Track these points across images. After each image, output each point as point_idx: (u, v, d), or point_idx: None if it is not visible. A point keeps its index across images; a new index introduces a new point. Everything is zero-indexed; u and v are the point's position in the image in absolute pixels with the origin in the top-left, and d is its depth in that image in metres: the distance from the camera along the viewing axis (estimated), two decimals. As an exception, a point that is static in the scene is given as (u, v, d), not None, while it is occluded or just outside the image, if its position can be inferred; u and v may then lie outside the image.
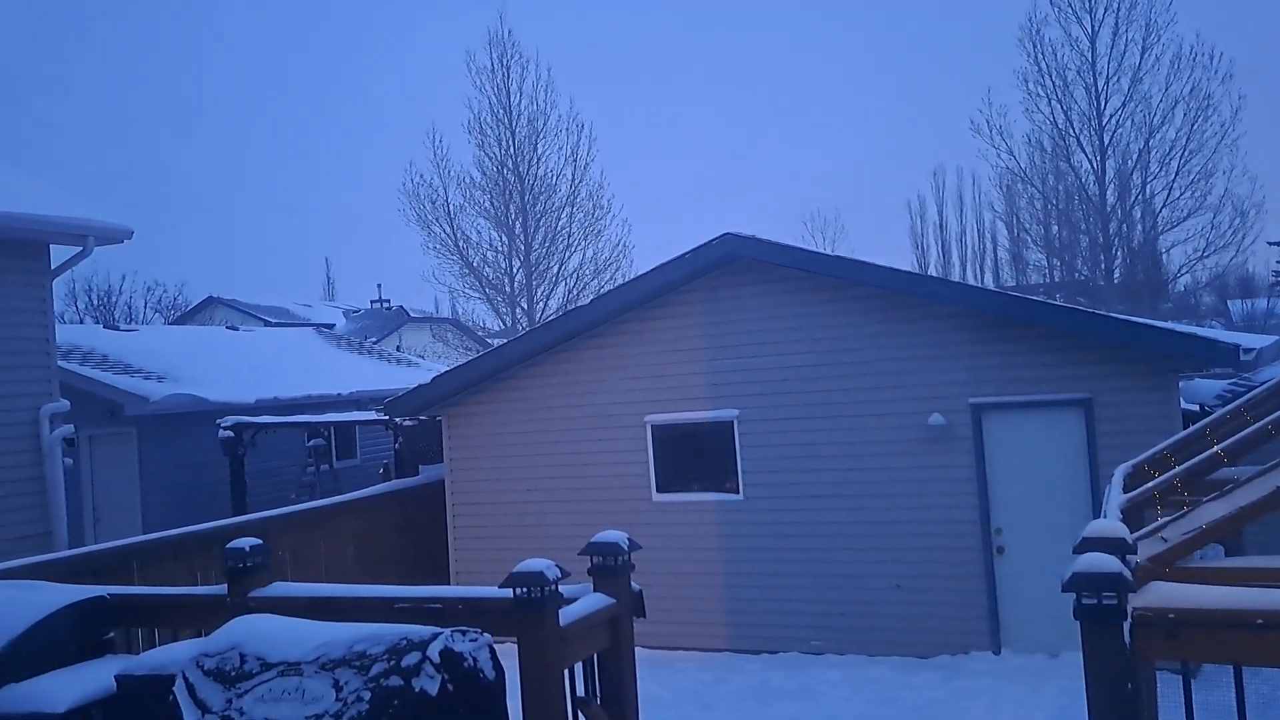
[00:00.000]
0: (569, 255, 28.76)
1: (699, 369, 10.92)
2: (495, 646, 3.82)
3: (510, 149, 28.63)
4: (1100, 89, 26.98)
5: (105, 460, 15.69)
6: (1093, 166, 27.40)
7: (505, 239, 28.72)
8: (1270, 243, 29.17)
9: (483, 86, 28.74)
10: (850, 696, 8.91)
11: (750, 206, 72.08)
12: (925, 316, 10.05)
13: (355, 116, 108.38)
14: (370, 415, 15.01)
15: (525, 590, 4.00)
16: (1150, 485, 4.77)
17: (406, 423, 13.60)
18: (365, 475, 16.83)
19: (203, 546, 9.29)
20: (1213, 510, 3.91)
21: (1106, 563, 2.83)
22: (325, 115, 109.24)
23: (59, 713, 4.23)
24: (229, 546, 4.91)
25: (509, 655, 3.85)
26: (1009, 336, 9.78)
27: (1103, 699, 2.82)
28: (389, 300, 45.97)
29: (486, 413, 11.92)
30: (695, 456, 11.04)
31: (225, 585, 4.91)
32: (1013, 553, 9.70)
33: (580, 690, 4.51)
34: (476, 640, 3.75)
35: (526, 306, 28.50)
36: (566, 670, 4.24)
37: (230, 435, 14.81)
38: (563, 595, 4.19)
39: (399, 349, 33.14)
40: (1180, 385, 9.70)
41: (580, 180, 28.69)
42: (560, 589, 4.12)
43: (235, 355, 19.15)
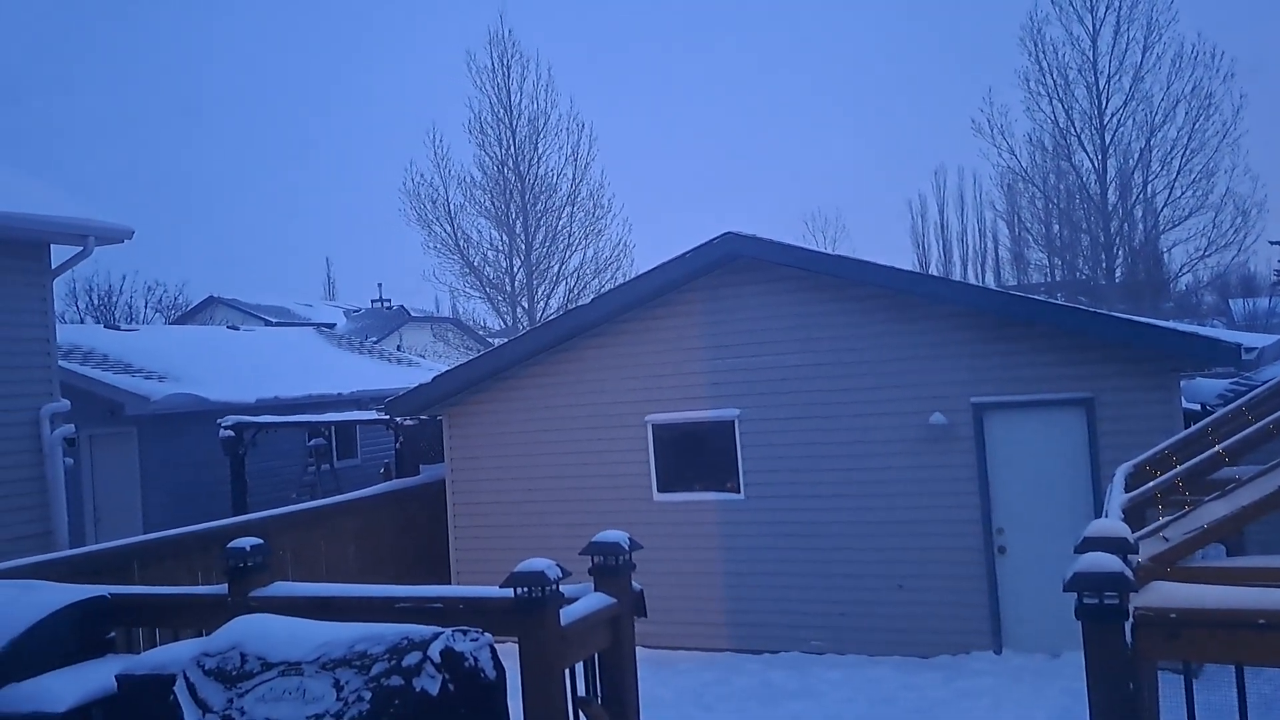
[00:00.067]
0: (570, 255, 28.82)
1: (700, 368, 10.92)
2: (496, 646, 3.82)
3: (511, 148, 28.66)
4: (1101, 88, 27.02)
5: (106, 460, 15.70)
6: (1094, 165, 27.43)
7: (506, 238, 28.74)
8: (1272, 242, 29.12)
9: (483, 86, 28.81)
10: (852, 697, 8.91)
11: (751, 206, 72.12)
12: (926, 316, 10.05)
13: (355, 116, 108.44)
14: (371, 415, 15.02)
15: (526, 590, 4.00)
16: (1152, 485, 4.78)
17: (407, 422, 13.60)
18: (366, 475, 16.83)
19: (203, 546, 9.29)
20: (1214, 510, 3.91)
21: (1108, 562, 2.83)
22: (325, 115, 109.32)
23: (60, 712, 4.23)
24: (230, 546, 4.91)
25: (510, 655, 3.84)
26: (1010, 336, 9.78)
27: (1104, 699, 2.82)
28: (389, 300, 45.98)
29: (487, 412, 11.92)
30: (696, 456, 11.04)
31: (226, 585, 4.91)
32: (1014, 552, 9.69)
33: (581, 690, 4.51)
34: (478, 640, 3.75)
35: (527, 306, 28.52)
36: (567, 670, 4.24)
37: (231, 435, 14.82)
38: (564, 595, 4.19)
39: (400, 348, 33.15)
40: (1182, 384, 9.70)
41: (581, 180, 28.74)
42: (561, 589, 4.12)
43: (236, 355, 19.16)
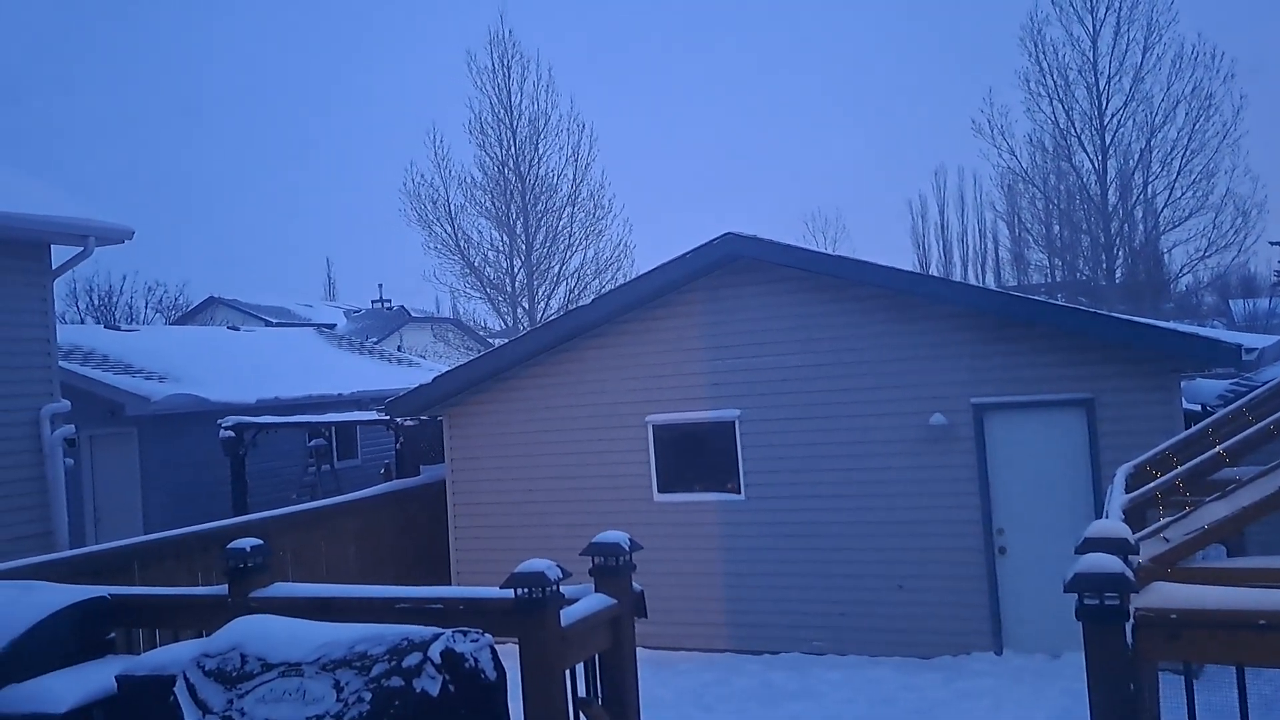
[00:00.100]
0: (570, 255, 28.82)
1: (700, 369, 10.91)
2: (496, 647, 3.82)
3: (511, 149, 28.67)
4: (1102, 89, 27.01)
5: (106, 460, 15.70)
6: (1094, 166, 27.42)
7: (506, 239, 28.74)
8: (1272, 242, 29.15)
9: (483, 86, 28.81)
10: (852, 697, 8.90)
11: (751, 206, 72.14)
12: (927, 316, 10.05)
13: (356, 116, 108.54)
14: (371, 415, 15.02)
15: (526, 591, 4.00)
16: (1152, 485, 4.77)
17: (407, 423, 13.60)
18: (366, 475, 16.84)
19: (204, 547, 9.30)
20: (1215, 510, 3.91)
21: (1108, 563, 2.82)
22: (326, 115, 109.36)
23: (60, 713, 4.23)
24: (230, 547, 4.91)
25: (510, 656, 3.84)
26: (1010, 336, 9.77)
27: (1105, 700, 2.82)
28: (390, 300, 46.01)
29: (488, 413, 11.91)
30: (696, 456, 11.03)
31: (226, 585, 4.91)
32: (1014, 553, 9.69)
33: (582, 691, 4.51)
34: (478, 641, 3.75)
35: (528, 306, 28.52)
36: (568, 671, 4.24)
37: (231, 435, 14.82)
38: (564, 596, 4.19)
39: (400, 349, 33.15)
40: (1182, 385, 9.69)
41: (581, 180, 28.74)
42: (561, 589, 4.12)
43: (236, 355, 19.16)
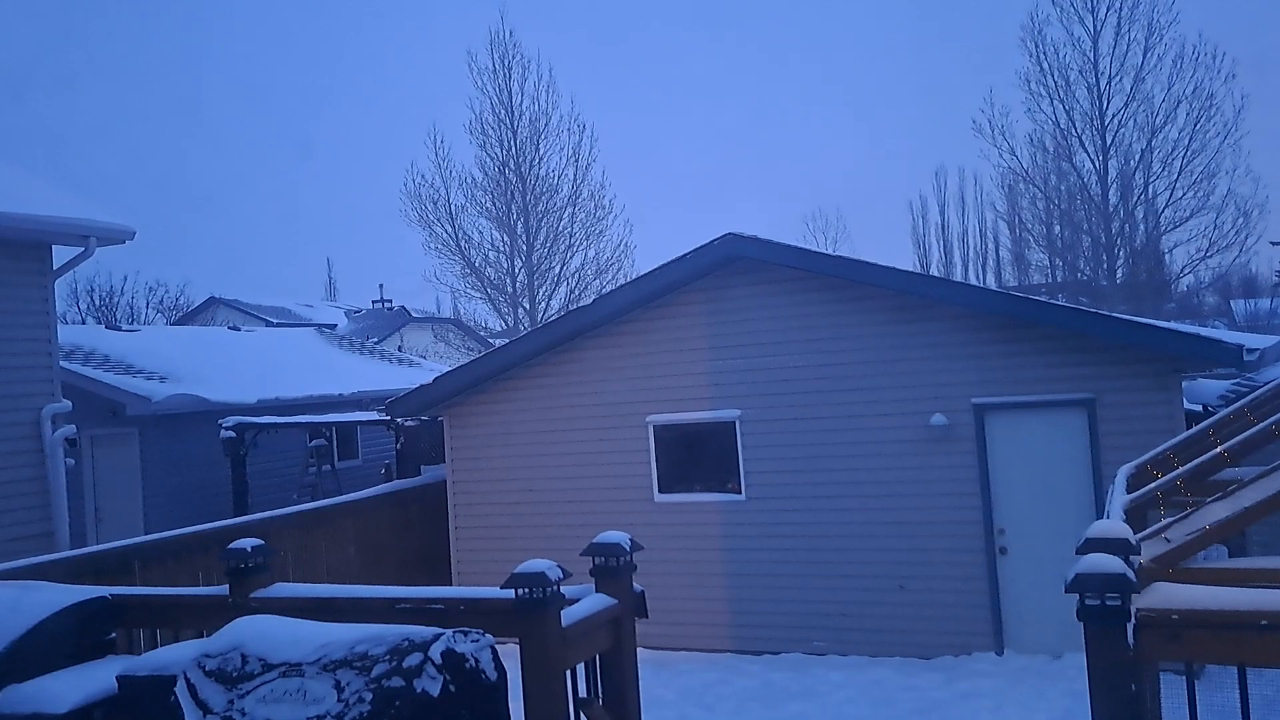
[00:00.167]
0: (571, 255, 28.83)
1: (701, 369, 10.91)
2: (497, 647, 3.82)
3: (512, 149, 28.67)
4: (1102, 89, 26.98)
5: (107, 460, 15.70)
6: (1095, 166, 27.39)
7: (507, 239, 28.74)
8: (1274, 243, 29.14)
9: (484, 87, 28.81)
10: (853, 697, 8.90)
11: (751, 207, 72.14)
12: (927, 316, 10.04)
13: (357, 116, 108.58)
14: (372, 415, 15.03)
15: (527, 591, 4.00)
16: (1153, 486, 4.77)
17: (408, 423, 13.61)
18: (367, 476, 16.84)
19: (204, 547, 9.30)
20: (1216, 511, 3.90)
21: (1110, 564, 2.82)
22: (327, 115, 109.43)
23: (61, 713, 4.23)
24: (230, 547, 4.91)
25: (511, 656, 3.84)
26: (1011, 337, 9.77)
27: (1106, 700, 2.82)
28: (390, 300, 45.99)
29: (488, 413, 11.91)
30: (697, 457, 11.03)
31: (227, 586, 4.91)
32: (1015, 553, 9.69)
33: (582, 691, 4.51)
34: (478, 641, 3.75)
35: (528, 307, 28.52)
36: (568, 671, 4.24)
37: (232, 435, 14.82)
38: (564, 596, 4.18)
39: (401, 349, 33.15)
40: (1183, 385, 9.68)
41: (582, 181, 28.75)
42: (562, 589, 4.12)
43: (237, 355, 19.16)
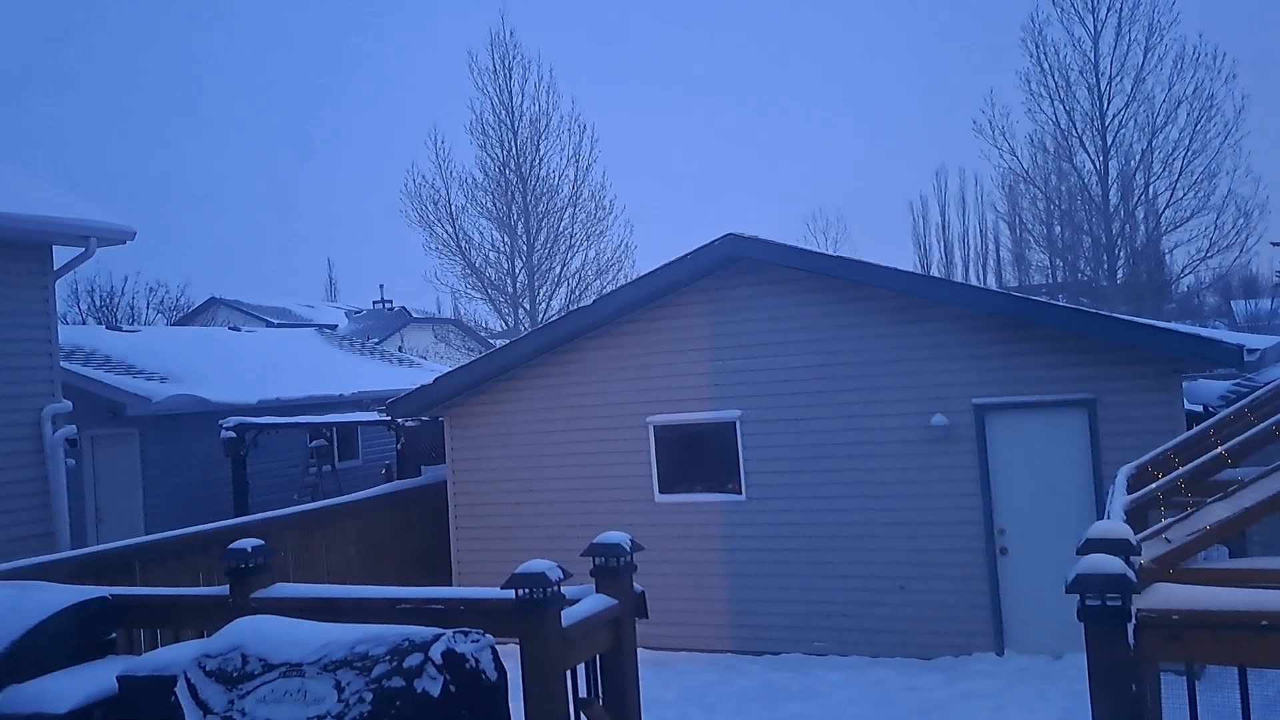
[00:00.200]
0: (571, 256, 28.86)
1: (701, 369, 10.91)
2: (498, 647, 3.82)
3: (512, 150, 28.68)
4: (1103, 89, 26.98)
5: (107, 461, 15.70)
6: (1095, 167, 27.39)
7: (507, 239, 28.76)
8: (1274, 243, 29.09)
9: (484, 87, 28.84)
10: (853, 698, 8.90)
11: (752, 207, 72.15)
12: (928, 317, 10.04)
13: (357, 117, 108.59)
14: (372, 416, 15.03)
15: (527, 591, 4.00)
16: (1154, 486, 4.77)
17: (409, 423, 13.61)
18: (367, 476, 16.84)
19: (205, 547, 9.30)
20: (1217, 511, 3.90)
21: (1110, 564, 2.82)
22: (327, 116, 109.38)
23: (62, 713, 4.23)
24: (231, 547, 4.91)
25: (511, 656, 3.84)
26: (1012, 337, 9.77)
27: (1107, 701, 2.82)
28: (391, 301, 45.96)
29: (489, 413, 11.91)
30: (698, 457, 11.03)
31: (227, 586, 4.91)
32: (1016, 554, 9.68)
33: (583, 691, 4.52)
34: (479, 641, 3.75)
35: (529, 307, 28.52)
36: (569, 671, 4.25)
37: (232, 436, 14.81)
38: (565, 596, 4.19)
39: (401, 350, 33.15)
40: (1184, 386, 9.68)
41: (582, 181, 28.78)
42: (562, 590, 4.12)
43: (237, 356, 19.16)
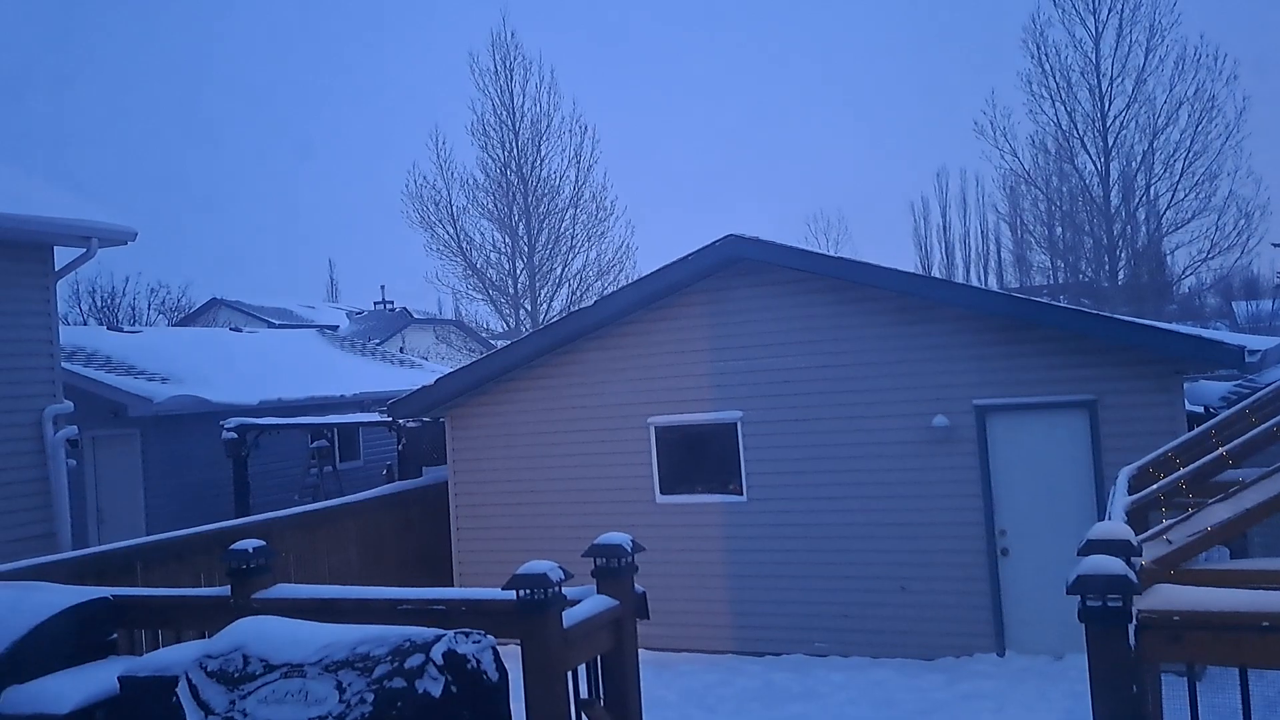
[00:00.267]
0: (572, 257, 28.86)
1: (702, 370, 10.91)
2: (499, 648, 3.82)
3: (513, 151, 28.69)
4: (1104, 90, 26.97)
5: (109, 461, 15.71)
6: (1097, 168, 27.38)
7: (508, 240, 28.76)
8: (1275, 244, 29.06)
9: (486, 88, 28.85)
10: (854, 698, 8.90)
11: (752, 207, 72.24)
12: (929, 318, 10.04)
13: (359, 118, 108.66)
14: (373, 417, 15.03)
15: (529, 592, 4.01)
16: (1155, 487, 4.76)
17: (410, 424, 13.61)
18: (368, 477, 16.85)
19: (206, 548, 9.30)
20: (1218, 512, 3.90)
21: (1111, 565, 2.82)
22: (328, 117, 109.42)
23: (63, 714, 4.23)
24: (232, 548, 4.92)
25: (512, 657, 3.85)
26: (1013, 338, 9.76)
27: (1108, 701, 2.82)
28: (392, 302, 45.98)
29: (490, 414, 11.92)
30: (699, 458, 11.03)
31: (228, 587, 4.92)
32: (1017, 554, 9.68)
33: (584, 692, 4.52)
34: (480, 642, 3.75)
35: (530, 308, 28.53)
36: (570, 672, 4.25)
37: (233, 437, 14.82)
38: (566, 597, 4.19)
39: (402, 350, 33.16)
40: (1185, 387, 9.68)
41: (583, 182, 28.78)
42: (564, 591, 4.13)
43: (238, 357, 19.16)
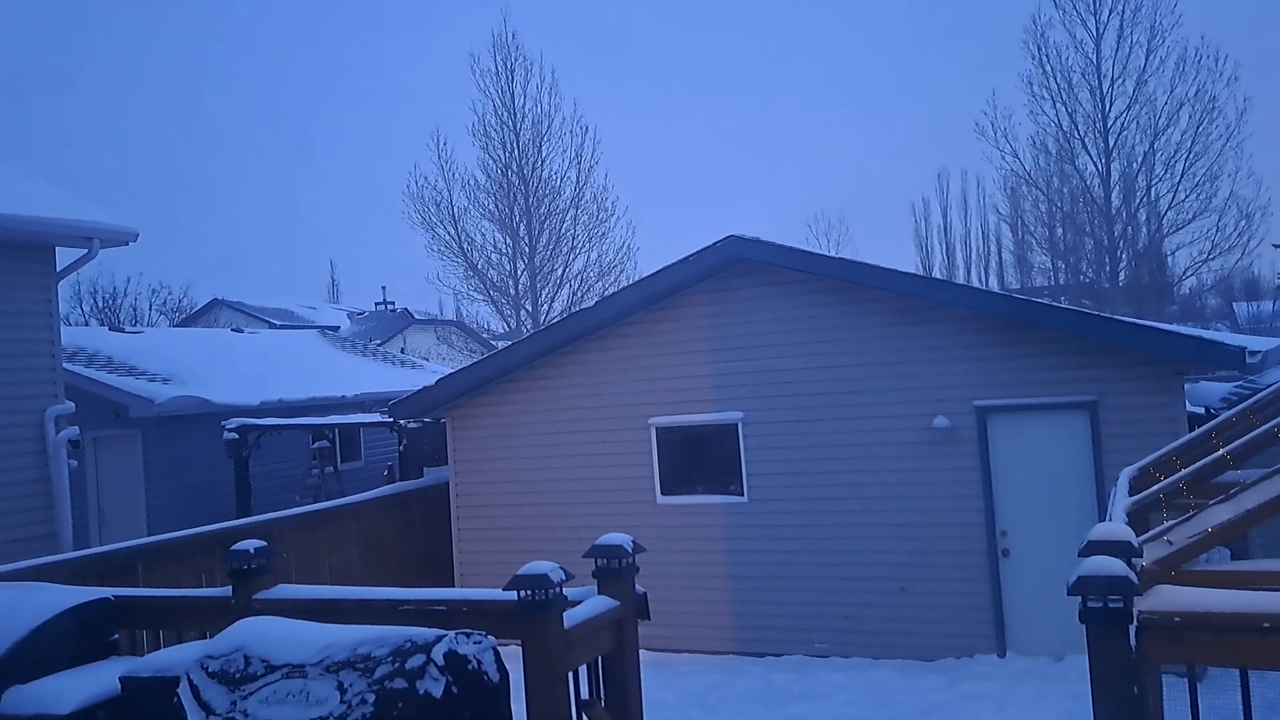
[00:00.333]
0: (573, 258, 28.86)
1: (703, 371, 10.91)
2: (500, 649, 3.82)
3: (514, 152, 28.69)
4: (1105, 91, 26.96)
5: (110, 462, 15.71)
6: (1098, 169, 27.37)
7: (509, 241, 28.76)
8: (1276, 245, 29.07)
9: (487, 89, 28.86)
10: (855, 699, 8.90)
11: (753, 208, 72.18)
12: (930, 319, 10.04)
13: (360, 118, 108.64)
14: (375, 417, 15.03)
15: (529, 593, 4.01)
16: (1156, 488, 4.76)
17: (411, 425, 13.61)
18: (369, 477, 16.84)
19: (207, 548, 9.30)
20: (1219, 513, 3.90)
21: (1112, 566, 2.83)
22: (330, 117, 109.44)
23: (64, 714, 4.24)
24: (233, 549, 4.92)
25: (513, 658, 3.85)
26: (1014, 339, 9.76)
27: (1108, 702, 2.82)
28: (393, 303, 45.95)
29: (491, 415, 11.92)
30: (700, 459, 11.03)
31: (230, 587, 4.92)
32: (1018, 555, 9.68)
33: (584, 693, 4.52)
34: (481, 642, 3.75)
35: (531, 309, 28.53)
36: (571, 673, 4.25)
37: (235, 437, 14.82)
38: (567, 598, 4.19)
39: (403, 351, 33.17)
40: (1186, 388, 9.67)
41: (584, 183, 28.78)
42: (564, 591, 4.13)
43: (240, 357, 19.17)
